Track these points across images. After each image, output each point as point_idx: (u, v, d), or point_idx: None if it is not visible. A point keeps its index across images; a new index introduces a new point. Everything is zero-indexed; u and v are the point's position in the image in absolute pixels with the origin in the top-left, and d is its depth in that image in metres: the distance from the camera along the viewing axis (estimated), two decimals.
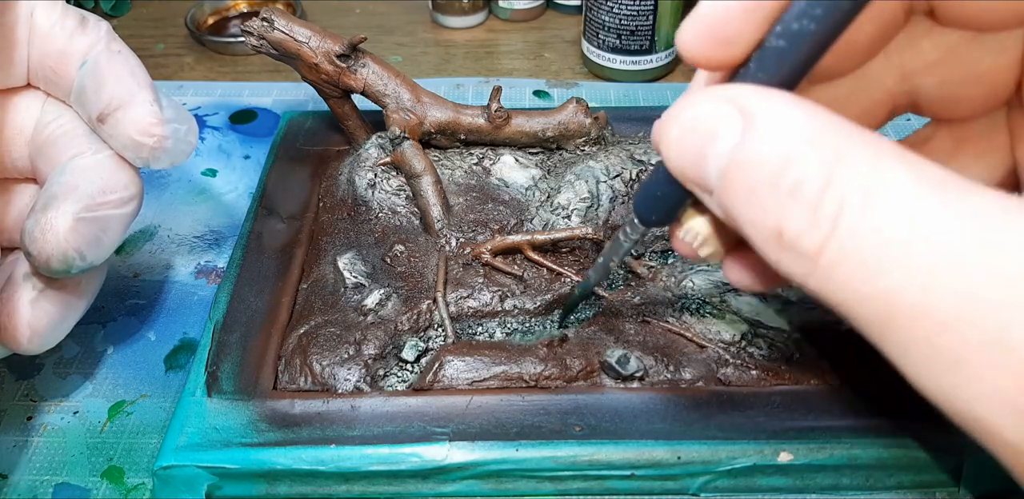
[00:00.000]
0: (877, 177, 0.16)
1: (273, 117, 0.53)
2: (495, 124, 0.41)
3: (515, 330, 0.36)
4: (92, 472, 0.33)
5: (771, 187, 0.17)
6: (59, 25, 0.31)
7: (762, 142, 0.18)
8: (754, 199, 0.18)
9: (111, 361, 0.38)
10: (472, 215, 0.39)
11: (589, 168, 0.40)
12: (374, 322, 0.35)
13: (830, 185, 0.17)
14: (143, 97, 0.30)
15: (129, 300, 0.41)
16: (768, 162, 0.17)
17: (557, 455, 0.31)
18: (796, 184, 0.17)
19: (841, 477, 0.31)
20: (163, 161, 0.31)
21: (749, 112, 0.18)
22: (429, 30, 0.64)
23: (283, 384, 0.33)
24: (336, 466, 0.30)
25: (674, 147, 0.20)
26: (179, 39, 0.63)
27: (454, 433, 0.31)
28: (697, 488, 0.31)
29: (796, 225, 0.17)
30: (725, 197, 0.19)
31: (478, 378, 0.33)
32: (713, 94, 0.19)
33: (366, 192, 0.41)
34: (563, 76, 0.58)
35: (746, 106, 0.18)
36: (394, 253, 0.38)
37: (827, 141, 0.17)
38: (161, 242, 0.44)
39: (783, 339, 0.34)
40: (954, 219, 0.16)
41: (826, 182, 0.17)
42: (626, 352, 0.33)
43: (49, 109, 0.32)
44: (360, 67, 0.41)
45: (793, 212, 0.17)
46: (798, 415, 0.31)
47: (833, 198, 0.17)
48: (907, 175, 0.16)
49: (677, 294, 0.36)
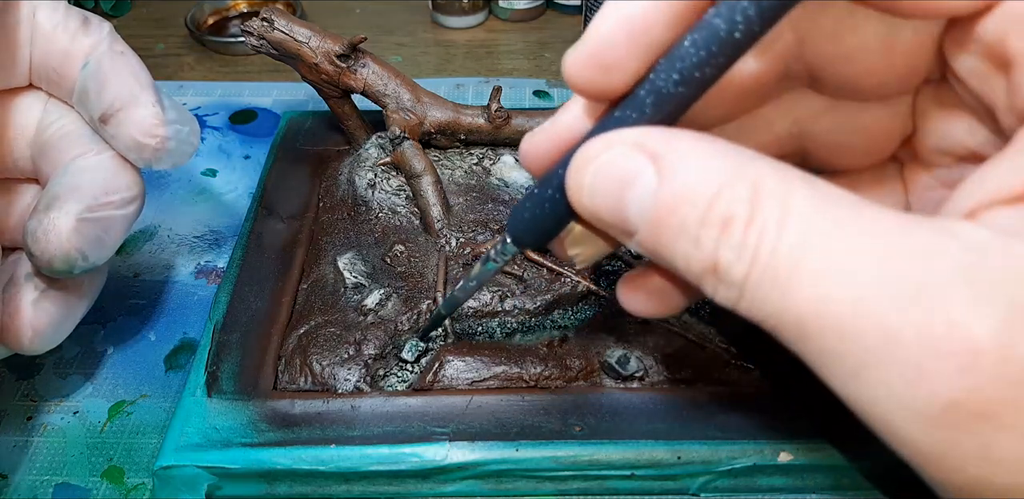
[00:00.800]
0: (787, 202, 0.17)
1: (273, 117, 0.53)
2: (495, 124, 0.41)
3: (515, 330, 0.36)
4: (92, 472, 0.33)
5: (701, 225, 0.18)
6: (61, 26, 0.31)
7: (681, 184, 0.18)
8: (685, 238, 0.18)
9: (111, 361, 0.38)
10: (472, 215, 0.39)
11: None
12: (374, 322, 0.35)
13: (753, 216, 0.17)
14: (145, 98, 0.30)
15: (129, 300, 0.41)
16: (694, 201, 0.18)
17: (557, 455, 0.31)
18: (725, 220, 0.18)
19: (841, 477, 0.31)
20: (165, 162, 0.31)
21: (658, 155, 0.19)
22: (429, 30, 0.64)
23: (283, 384, 0.33)
24: (336, 466, 0.30)
25: (587, 194, 0.21)
26: (179, 39, 0.63)
27: (454, 433, 0.31)
28: (697, 488, 0.31)
29: (728, 257, 0.18)
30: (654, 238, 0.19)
31: (478, 378, 0.33)
32: (617, 140, 0.20)
33: (366, 192, 0.41)
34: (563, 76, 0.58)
35: (654, 150, 0.19)
36: (394, 253, 0.38)
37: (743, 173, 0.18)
38: (161, 242, 0.44)
39: None
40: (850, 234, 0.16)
41: (750, 214, 0.17)
42: (626, 352, 0.33)
43: (51, 110, 0.32)
44: (360, 67, 0.41)
45: (725, 246, 0.18)
46: (798, 415, 0.32)
47: (755, 228, 0.17)
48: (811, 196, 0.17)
49: None
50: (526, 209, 0.24)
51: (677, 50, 0.19)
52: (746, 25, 0.18)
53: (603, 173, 0.20)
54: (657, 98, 0.20)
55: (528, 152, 0.24)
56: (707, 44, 0.18)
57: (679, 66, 0.19)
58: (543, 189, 0.23)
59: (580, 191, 0.21)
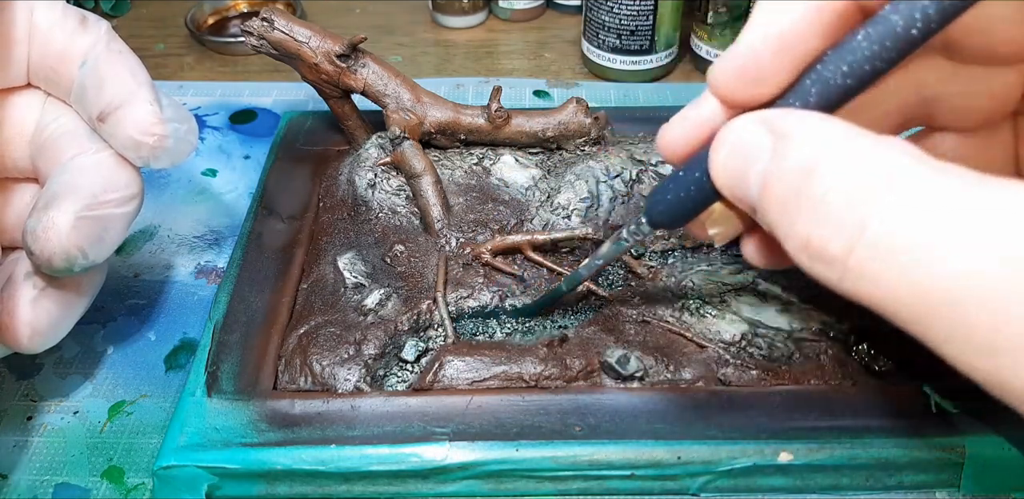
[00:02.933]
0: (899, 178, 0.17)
1: (273, 117, 0.53)
2: (495, 124, 0.41)
3: (515, 330, 0.36)
4: (92, 472, 0.33)
5: (798, 199, 0.18)
6: (59, 25, 0.31)
7: (787, 159, 0.19)
8: (784, 211, 0.19)
9: (111, 361, 0.38)
10: (472, 215, 0.39)
11: (589, 168, 0.40)
12: (374, 322, 0.35)
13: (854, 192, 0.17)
14: (143, 97, 0.30)
15: (129, 300, 0.41)
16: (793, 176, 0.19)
17: (557, 455, 0.31)
18: (822, 195, 0.18)
19: (841, 477, 0.31)
20: (163, 160, 0.31)
21: (779, 132, 0.20)
22: (429, 30, 0.64)
23: (283, 384, 0.33)
24: (336, 466, 0.30)
25: (720, 168, 0.22)
26: (179, 39, 0.63)
27: (454, 433, 0.31)
28: (697, 488, 0.31)
29: (823, 233, 0.18)
30: (763, 211, 0.20)
31: (478, 378, 0.33)
32: (749, 118, 0.21)
33: (366, 192, 0.41)
34: (563, 76, 0.58)
35: (777, 126, 0.20)
36: (394, 253, 0.38)
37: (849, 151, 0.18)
38: (161, 242, 0.44)
39: (783, 339, 0.34)
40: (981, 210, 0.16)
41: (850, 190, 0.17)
42: (626, 352, 0.33)
43: (50, 109, 0.32)
44: (360, 67, 0.41)
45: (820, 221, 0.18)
46: (798, 415, 0.31)
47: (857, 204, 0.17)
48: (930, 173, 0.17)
49: (677, 294, 0.36)
50: (668, 191, 0.25)
51: (847, 43, 0.20)
52: (924, 23, 0.18)
53: (734, 148, 0.21)
54: (822, 88, 0.20)
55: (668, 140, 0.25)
56: (881, 39, 0.19)
57: (849, 59, 0.20)
58: (688, 172, 0.24)
59: (715, 167, 0.22)
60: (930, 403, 0.32)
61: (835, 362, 0.33)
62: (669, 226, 0.27)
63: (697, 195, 0.24)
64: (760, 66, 0.21)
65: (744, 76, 0.22)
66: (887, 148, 0.18)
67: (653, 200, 0.27)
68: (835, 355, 0.34)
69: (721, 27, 0.54)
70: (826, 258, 0.18)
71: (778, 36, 0.21)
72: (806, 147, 0.19)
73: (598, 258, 0.31)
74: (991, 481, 0.31)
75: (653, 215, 0.27)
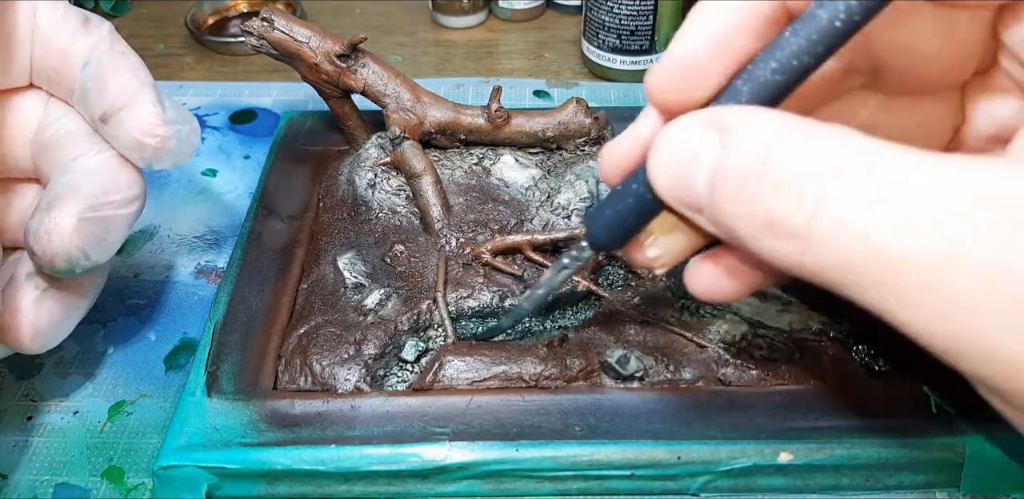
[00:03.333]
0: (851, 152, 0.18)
1: (273, 117, 0.53)
2: (495, 124, 0.41)
3: (515, 330, 0.36)
4: (92, 472, 0.33)
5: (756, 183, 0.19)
6: (61, 25, 0.31)
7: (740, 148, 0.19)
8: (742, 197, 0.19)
9: (111, 361, 0.38)
10: (472, 215, 0.39)
11: (589, 168, 0.40)
12: (374, 322, 0.35)
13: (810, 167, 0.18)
14: (145, 97, 0.30)
15: (129, 300, 0.41)
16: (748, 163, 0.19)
17: (557, 455, 0.31)
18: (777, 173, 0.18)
19: (841, 477, 0.31)
20: (165, 162, 0.31)
21: (722, 126, 0.20)
22: (429, 30, 0.64)
23: (283, 384, 0.33)
24: (336, 466, 0.30)
25: (662, 172, 0.22)
26: (179, 39, 0.63)
27: (454, 433, 0.31)
28: (697, 488, 0.31)
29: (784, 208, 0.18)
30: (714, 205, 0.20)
31: (478, 378, 0.33)
32: (689, 119, 0.21)
33: (366, 192, 0.41)
34: (563, 76, 0.58)
35: (718, 121, 0.20)
36: (394, 253, 0.38)
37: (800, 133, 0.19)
38: (161, 242, 0.44)
39: (783, 339, 0.34)
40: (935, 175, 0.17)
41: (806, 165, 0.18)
42: (626, 352, 0.33)
43: (51, 109, 0.32)
44: (360, 67, 0.41)
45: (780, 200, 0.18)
46: (798, 415, 0.32)
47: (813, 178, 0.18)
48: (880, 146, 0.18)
49: (677, 294, 0.36)
50: (607, 207, 0.25)
51: (777, 41, 0.20)
52: (847, 15, 0.19)
53: (676, 150, 0.21)
54: (754, 86, 0.21)
55: (608, 160, 0.25)
56: (808, 33, 0.20)
57: (778, 55, 0.20)
58: (626, 186, 0.24)
59: (656, 171, 0.22)
60: (930, 403, 0.32)
61: (835, 362, 0.33)
62: (609, 247, 0.26)
63: (636, 206, 0.24)
64: (696, 67, 0.22)
65: (680, 78, 0.22)
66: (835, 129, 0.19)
67: (591, 219, 0.26)
68: (835, 355, 0.34)
69: None
70: (789, 232, 0.18)
71: (712, 37, 0.21)
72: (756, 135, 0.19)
73: (539, 287, 0.30)
74: (991, 481, 0.31)
75: (592, 235, 0.26)
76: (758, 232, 0.19)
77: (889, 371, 0.34)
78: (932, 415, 0.31)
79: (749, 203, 0.19)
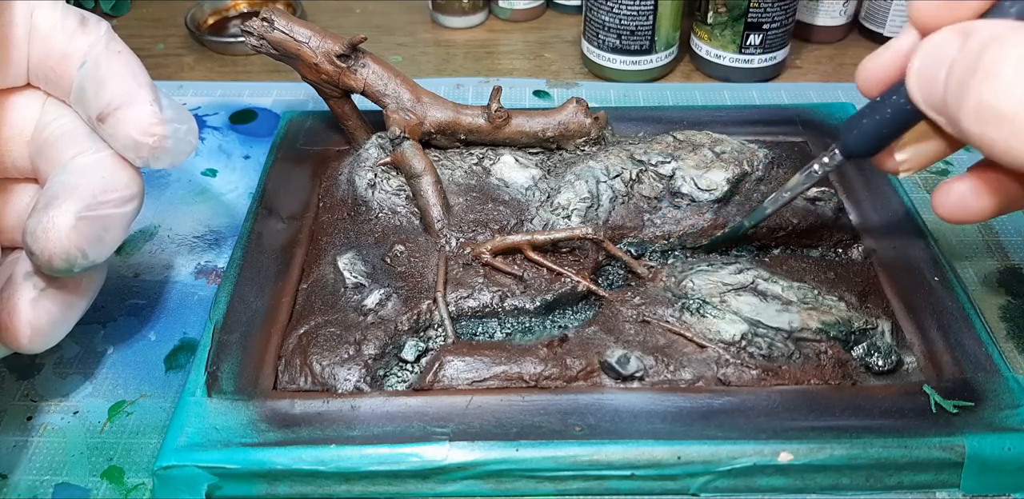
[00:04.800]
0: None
1: (273, 117, 0.53)
2: (495, 124, 0.41)
3: (515, 330, 0.36)
4: (92, 472, 0.33)
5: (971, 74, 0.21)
6: (59, 25, 0.31)
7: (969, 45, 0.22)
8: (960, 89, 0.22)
9: (111, 361, 0.38)
10: (472, 215, 0.39)
11: (589, 168, 0.40)
12: (374, 322, 0.35)
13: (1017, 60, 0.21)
14: (143, 97, 0.30)
15: (129, 300, 0.41)
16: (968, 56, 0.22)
17: (557, 455, 0.31)
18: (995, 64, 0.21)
19: (841, 477, 0.31)
20: (163, 161, 0.31)
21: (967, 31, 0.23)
22: (429, 30, 0.64)
23: (283, 384, 0.33)
24: (336, 466, 0.30)
25: (917, 77, 0.24)
26: (179, 39, 0.63)
27: (454, 433, 0.31)
28: (697, 488, 0.31)
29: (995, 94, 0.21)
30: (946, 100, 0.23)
31: (478, 378, 0.33)
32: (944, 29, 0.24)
33: (366, 192, 0.41)
34: (563, 76, 0.58)
35: (967, 28, 0.23)
36: (394, 253, 0.38)
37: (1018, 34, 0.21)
38: (161, 242, 0.44)
39: (783, 339, 0.34)
40: None
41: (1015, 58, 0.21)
42: (626, 352, 0.33)
43: (49, 109, 0.32)
44: (360, 67, 0.41)
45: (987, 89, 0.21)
46: (798, 415, 0.31)
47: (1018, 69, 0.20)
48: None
49: (677, 294, 0.36)
50: (864, 116, 0.27)
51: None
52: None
53: (928, 54, 0.24)
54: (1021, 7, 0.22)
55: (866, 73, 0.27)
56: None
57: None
58: (885, 98, 0.26)
59: (912, 78, 0.24)
60: (930, 403, 0.32)
61: (835, 362, 0.33)
62: (863, 154, 0.28)
63: (893, 117, 0.26)
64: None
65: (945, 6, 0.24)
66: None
67: (848, 129, 0.28)
68: (835, 355, 0.34)
69: (721, 27, 0.54)
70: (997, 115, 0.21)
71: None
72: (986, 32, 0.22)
73: (786, 190, 0.32)
74: (991, 481, 0.31)
75: (848, 144, 0.28)
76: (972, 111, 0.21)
77: (889, 371, 0.34)
78: (932, 415, 0.31)
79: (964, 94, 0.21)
